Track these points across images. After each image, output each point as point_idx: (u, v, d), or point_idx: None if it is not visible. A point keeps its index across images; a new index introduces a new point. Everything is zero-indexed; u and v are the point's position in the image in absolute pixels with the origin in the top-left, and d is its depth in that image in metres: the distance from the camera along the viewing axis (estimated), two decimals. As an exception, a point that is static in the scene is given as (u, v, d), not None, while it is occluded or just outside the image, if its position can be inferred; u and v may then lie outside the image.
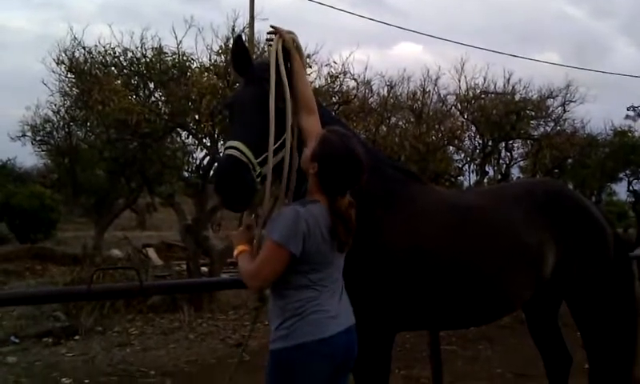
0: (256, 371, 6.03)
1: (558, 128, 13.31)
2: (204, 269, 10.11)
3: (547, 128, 13.35)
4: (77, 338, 7.27)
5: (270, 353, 2.42)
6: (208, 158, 9.40)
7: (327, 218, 2.37)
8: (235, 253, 2.50)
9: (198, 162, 10.09)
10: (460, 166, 13.46)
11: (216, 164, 2.44)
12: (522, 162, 15.26)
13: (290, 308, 2.38)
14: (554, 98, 13.06)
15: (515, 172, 15.15)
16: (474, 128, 12.77)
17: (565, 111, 13.29)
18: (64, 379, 5.84)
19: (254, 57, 9.65)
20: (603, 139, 15.35)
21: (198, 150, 9.92)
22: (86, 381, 5.82)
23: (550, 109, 13.23)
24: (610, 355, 3.60)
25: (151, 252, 13.90)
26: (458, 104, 12.87)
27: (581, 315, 3.60)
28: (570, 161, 14.64)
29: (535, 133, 13.30)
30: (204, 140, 9.35)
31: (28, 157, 33.80)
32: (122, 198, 15.41)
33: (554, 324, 3.93)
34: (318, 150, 2.39)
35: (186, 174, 10.14)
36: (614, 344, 3.59)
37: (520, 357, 6.09)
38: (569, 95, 13.08)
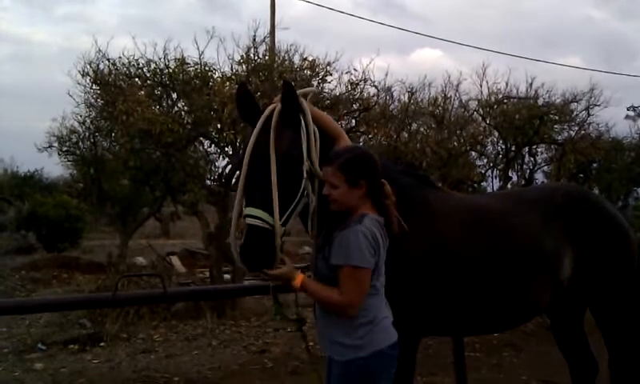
0: (279, 377, 6.08)
1: (583, 132, 13.13)
2: (227, 276, 10.16)
3: (571, 132, 13.18)
4: (102, 344, 7.35)
5: (341, 364, 2.44)
6: (230, 166, 9.49)
7: (380, 222, 2.48)
8: (297, 283, 2.48)
9: (220, 170, 10.18)
10: (483, 171, 13.36)
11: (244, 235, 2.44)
12: (545, 167, 15.09)
13: (361, 316, 2.43)
14: (577, 101, 12.88)
15: (539, 177, 15.00)
16: (496, 133, 12.68)
17: (589, 115, 13.11)
18: (89, 385, 5.92)
19: (275, 66, 9.78)
20: (629, 143, 15.12)
21: (221, 158, 10.02)
22: (111, 387, 5.90)
23: (574, 113, 13.06)
24: (632, 358, 3.54)
25: (175, 260, 14.00)
26: (480, 109, 12.80)
27: (603, 320, 3.55)
28: (595, 165, 14.44)
29: (559, 137, 13.15)
30: (226, 148, 9.44)
31: (54, 167, 34.19)
32: (146, 206, 15.58)
33: (580, 330, 3.88)
34: (359, 170, 2.46)
35: (208, 182, 10.22)
36: (636, 347, 3.54)
37: (546, 364, 5.99)
38: (593, 99, 12.90)
